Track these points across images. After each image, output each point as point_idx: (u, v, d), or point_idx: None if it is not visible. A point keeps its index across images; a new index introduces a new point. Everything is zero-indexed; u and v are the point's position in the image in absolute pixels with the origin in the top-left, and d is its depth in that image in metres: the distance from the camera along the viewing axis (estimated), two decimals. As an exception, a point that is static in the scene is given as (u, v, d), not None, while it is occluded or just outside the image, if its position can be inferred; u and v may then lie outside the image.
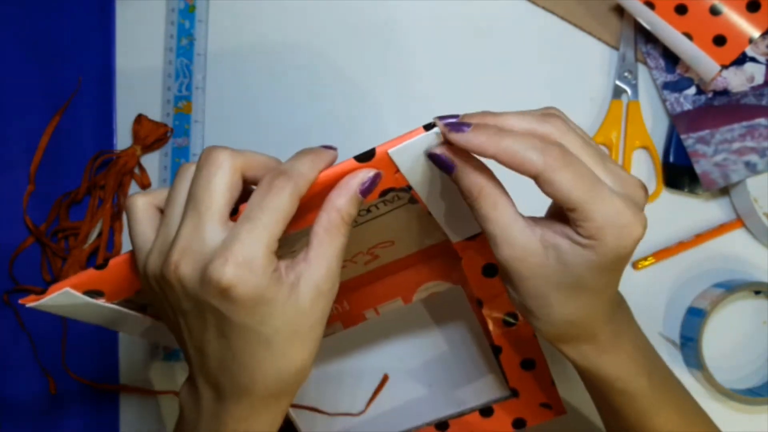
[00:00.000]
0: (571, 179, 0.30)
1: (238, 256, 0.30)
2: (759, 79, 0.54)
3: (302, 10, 0.57)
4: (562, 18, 0.56)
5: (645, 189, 0.33)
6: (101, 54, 0.57)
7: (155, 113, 0.57)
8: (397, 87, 0.57)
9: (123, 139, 0.57)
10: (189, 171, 0.33)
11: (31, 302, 0.37)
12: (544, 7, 0.56)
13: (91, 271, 0.36)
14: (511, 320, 0.45)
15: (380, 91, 0.57)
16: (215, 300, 0.31)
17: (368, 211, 0.40)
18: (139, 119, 0.56)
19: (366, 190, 0.34)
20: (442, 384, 0.53)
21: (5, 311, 0.57)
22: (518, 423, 0.48)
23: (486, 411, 0.49)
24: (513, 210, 0.33)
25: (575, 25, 0.56)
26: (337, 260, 0.33)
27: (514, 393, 0.47)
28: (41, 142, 0.57)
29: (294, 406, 0.57)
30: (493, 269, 0.43)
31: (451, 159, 0.33)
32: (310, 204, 0.34)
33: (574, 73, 0.57)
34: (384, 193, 0.37)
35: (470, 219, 0.39)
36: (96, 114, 0.57)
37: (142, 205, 0.34)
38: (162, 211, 0.34)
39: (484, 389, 0.51)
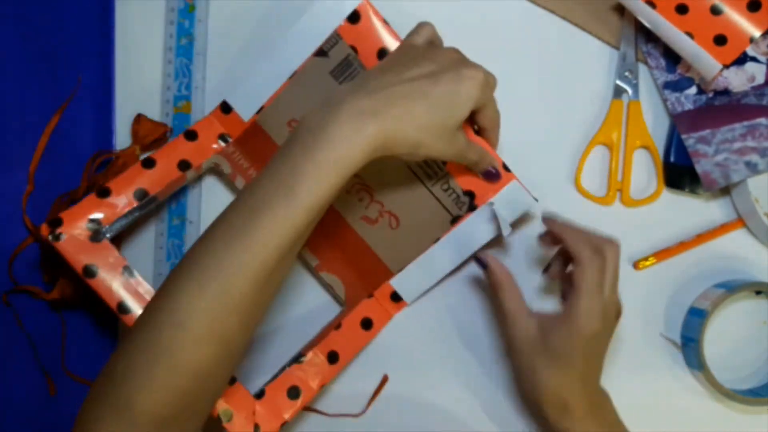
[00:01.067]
0: (591, 275, 0.46)
1: (488, 78, 0.46)
2: (760, 79, 0.54)
3: (302, 9, 0.57)
4: (563, 17, 0.56)
5: (619, 307, 0.49)
6: (100, 53, 0.57)
7: (154, 113, 0.57)
8: (397, 87, 0.57)
9: (122, 138, 0.57)
10: None
11: None
12: (544, 7, 0.56)
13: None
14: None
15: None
16: (466, 72, 0.44)
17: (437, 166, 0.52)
18: (139, 119, 0.56)
19: (487, 174, 0.51)
20: None
21: (5, 312, 0.57)
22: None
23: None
24: (520, 301, 0.50)
25: (576, 25, 0.56)
26: (458, 158, 0.47)
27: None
28: (40, 141, 0.57)
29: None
30: (369, 324, 0.55)
31: (485, 260, 0.51)
32: None
33: (575, 73, 0.56)
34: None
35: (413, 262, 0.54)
36: (95, 114, 0.57)
37: None
38: None
39: None
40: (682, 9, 0.50)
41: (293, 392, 0.51)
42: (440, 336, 0.57)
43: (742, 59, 0.54)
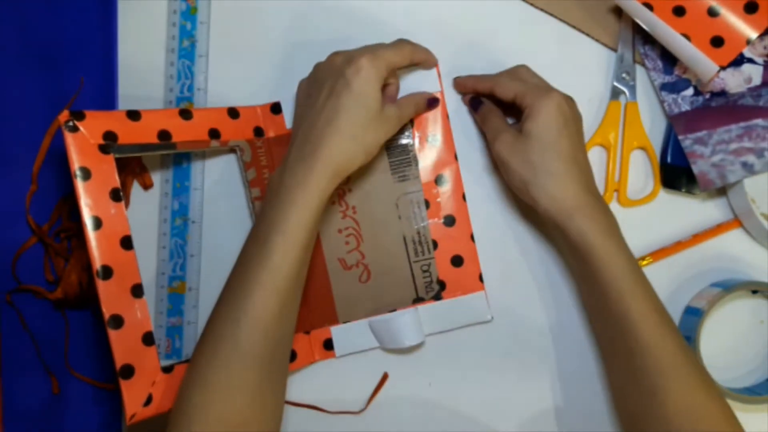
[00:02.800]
0: (527, 79, 0.52)
1: (372, 57, 0.49)
2: (756, 80, 0.54)
3: (304, 11, 0.58)
4: (560, 19, 0.57)
5: (569, 98, 0.50)
6: (103, 55, 0.57)
7: (157, 114, 0.57)
8: (397, 88, 0.57)
9: (125, 139, 0.58)
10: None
11: None
12: (542, 9, 0.57)
13: None
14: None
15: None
16: (349, 71, 0.48)
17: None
18: (141, 120, 0.57)
19: (430, 105, 0.56)
20: None
21: (8, 311, 0.57)
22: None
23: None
24: (502, 121, 0.53)
25: (573, 27, 0.57)
26: (401, 123, 0.52)
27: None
28: (44, 142, 0.57)
29: (294, 404, 0.57)
30: (293, 356, 0.53)
31: (478, 103, 0.55)
32: None
33: (572, 75, 0.57)
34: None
35: None
36: (98, 115, 0.57)
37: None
38: None
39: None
40: (679, 11, 0.51)
41: None
42: (440, 335, 0.57)
43: (738, 61, 0.54)
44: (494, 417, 0.57)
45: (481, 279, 0.56)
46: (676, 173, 0.55)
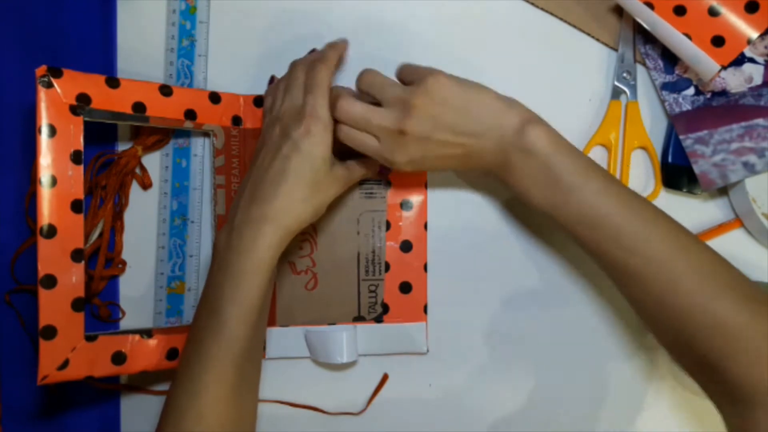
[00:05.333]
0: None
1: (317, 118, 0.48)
2: (757, 80, 0.54)
3: (304, 11, 0.58)
4: (561, 19, 0.57)
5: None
6: (102, 54, 0.57)
7: (156, 114, 0.57)
8: (397, 88, 0.57)
9: (124, 139, 0.58)
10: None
11: None
12: (543, 8, 0.57)
13: None
14: None
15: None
16: (297, 133, 0.47)
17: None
18: (141, 120, 0.57)
19: (381, 173, 0.54)
20: None
21: (7, 311, 0.57)
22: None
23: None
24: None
25: (574, 26, 0.57)
26: (348, 185, 0.51)
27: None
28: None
29: (293, 405, 0.57)
30: None
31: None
32: None
33: (573, 74, 0.57)
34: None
35: None
36: (97, 115, 0.57)
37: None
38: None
39: None
40: (680, 10, 0.51)
41: (118, 357, 0.51)
42: (440, 335, 0.57)
43: (739, 60, 0.54)
44: (495, 418, 0.57)
45: (425, 310, 0.56)
46: (677, 173, 0.55)
